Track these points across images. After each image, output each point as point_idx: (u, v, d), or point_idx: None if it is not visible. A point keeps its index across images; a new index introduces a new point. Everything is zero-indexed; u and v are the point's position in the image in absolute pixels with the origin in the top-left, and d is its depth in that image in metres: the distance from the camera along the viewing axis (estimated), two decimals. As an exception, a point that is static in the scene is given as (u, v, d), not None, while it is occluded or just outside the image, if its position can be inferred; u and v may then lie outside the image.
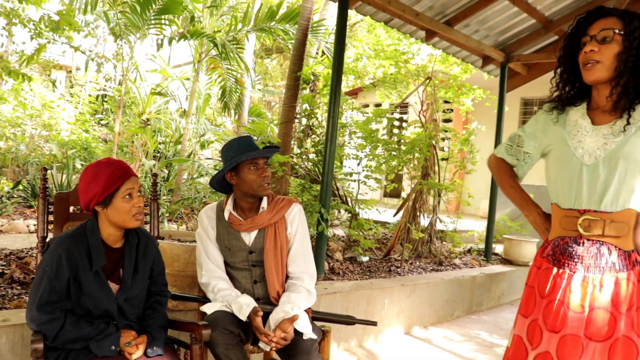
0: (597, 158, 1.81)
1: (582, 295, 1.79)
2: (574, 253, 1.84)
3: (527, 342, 1.91)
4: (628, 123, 1.78)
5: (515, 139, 2.17)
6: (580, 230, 1.83)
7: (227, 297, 2.62)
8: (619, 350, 1.72)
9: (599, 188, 1.80)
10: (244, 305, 2.53)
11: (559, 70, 2.01)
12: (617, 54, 1.80)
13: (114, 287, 2.18)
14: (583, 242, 1.83)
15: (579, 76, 1.91)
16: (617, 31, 1.79)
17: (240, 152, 2.65)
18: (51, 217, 2.52)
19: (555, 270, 1.88)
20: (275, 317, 2.51)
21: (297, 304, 2.58)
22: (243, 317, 2.51)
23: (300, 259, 2.78)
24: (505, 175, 2.18)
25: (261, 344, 2.53)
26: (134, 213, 2.13)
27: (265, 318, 2.55)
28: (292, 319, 2.45)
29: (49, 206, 2.53)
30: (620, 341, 1.73)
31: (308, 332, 2.51)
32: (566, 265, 1.85)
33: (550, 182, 2.00)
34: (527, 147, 2.12)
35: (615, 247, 1.78)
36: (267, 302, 2.70)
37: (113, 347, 2.06)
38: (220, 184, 2.80)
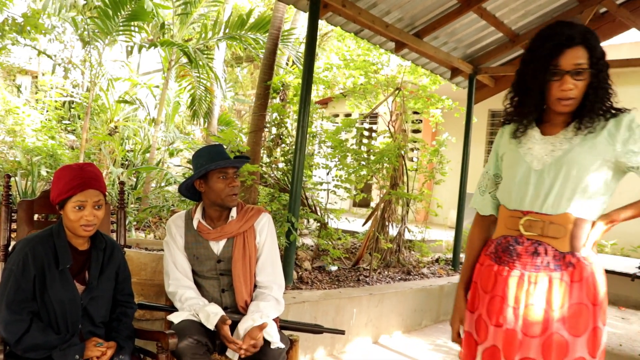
0: (544, 164, 1.92)
1: (518, 292, 1.89)
2: (513, 251, 1.94)
3: (476, 336, 2.02)
4: (575, 133, 1.89)
5: (483, 177, 2.24)
6: (522, 229, 1.93)
7: (195, 306, 2.60)
8: (552, 346, 1.81)
9: (543, 191, 1.90)
10: (211, 314, 2.51)
11: (514, 96, 2.05)
12: (585, 86, 1.87)
13: (79, 287, 2.19)
14: (523, 242, 1.93)
15: (543, 98, 1.96)
16: (586, 67, 1.85)
17: (210, 161, 2.65)
18: (14, 225, 2.48)
19: (496, 267, 1.98)
20: (244, 325, 2.50)
21: (265, 313, 2.58)
22: (211, 325, 2.49)
23: (269, 268, 2.78)
24: (471, 253, 2.21)
25: (229, 353, 2.51)
26: (81, 224, 2.14)
27: (233, 327, 2.54)
28: (262, 327, 2.45)
29: (12, 214, 2.48)
30: (552, 337, 1.81)
31: (276, 341, 2.51)
32: (506, 262, 1.95)
33: (500, 186, 2.11)
34: (495, 170, 2.19)
35: (552, 247, 1.88)
36: (235, 311, 2.68)
37: (77, 357, 2.04)
38: (190, 191, 2.79)
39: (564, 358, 1.79)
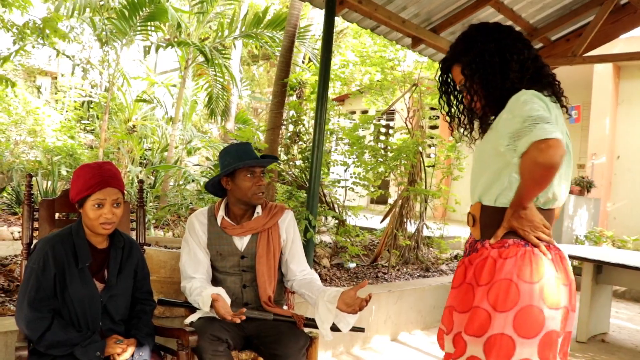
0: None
1: (456, 276, 2.13)
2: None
3: None
4: (490, 123, 2.00)
5: None
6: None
7: (197, 297, 2.55)
8: (450, 319, 2.01)
9: (470, 185, 2.08)
10: (205, 298, 2.47)
11: (455, 115, 2.20)
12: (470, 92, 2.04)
13: (99, 285, 2.21)
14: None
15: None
16: (463, 84, 2.04)
17: (238, 159, 2.67)
18: (36, 224, 2.50)
19: None
20: (330, 294, 2.65)
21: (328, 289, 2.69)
22: (206, 307, 2.46)
23: (304, 263, 2.89)
24: None
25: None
26: (101, 222, 2.16)
27: (250, 323, 2.53)
28: (362, 284, 2.57)
29: (34, 213, 2.51)
30: (447, 311, 2.03)
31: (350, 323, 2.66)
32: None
33: None
34: None
35: (472, 236, 2.05)
36: (256, 307, 2.69)
37: (98, 353, 2.06)
38: (215, 187, 2.81)
39: (452, 329, 1.97)
